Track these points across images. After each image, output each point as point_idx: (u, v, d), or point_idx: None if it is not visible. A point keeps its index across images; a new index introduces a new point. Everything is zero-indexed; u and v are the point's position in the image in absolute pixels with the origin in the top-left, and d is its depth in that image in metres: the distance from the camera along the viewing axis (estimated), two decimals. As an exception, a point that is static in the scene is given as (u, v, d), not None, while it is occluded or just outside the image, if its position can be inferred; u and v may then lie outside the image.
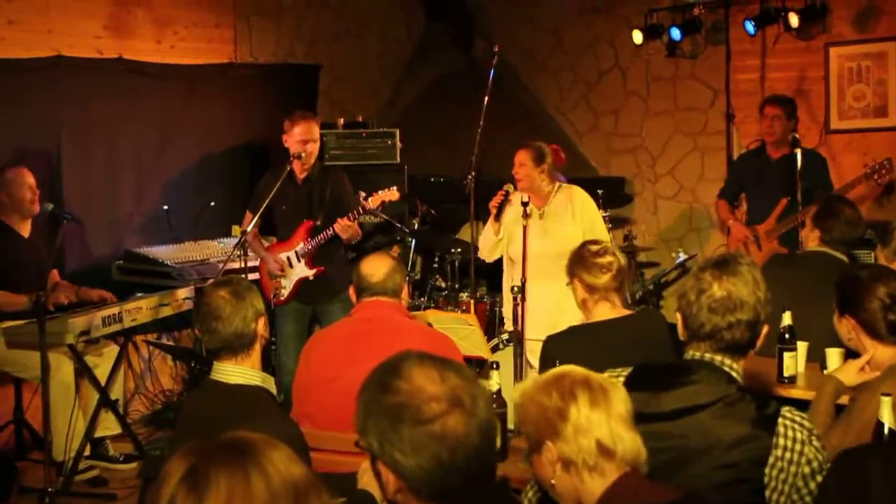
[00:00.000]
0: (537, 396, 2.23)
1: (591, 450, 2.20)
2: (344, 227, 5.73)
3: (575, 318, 5.06)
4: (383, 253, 4.20)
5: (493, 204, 5.66)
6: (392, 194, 5.68)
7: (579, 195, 5.69)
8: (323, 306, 5.99)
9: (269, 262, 6.06)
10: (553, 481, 2.26)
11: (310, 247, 5.91)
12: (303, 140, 5.85)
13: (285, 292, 6.00)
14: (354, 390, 3.56)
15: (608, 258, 3.91)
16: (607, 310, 3.94)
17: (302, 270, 5.98)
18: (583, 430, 2.20)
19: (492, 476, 1.98)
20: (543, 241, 5.56)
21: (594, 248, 3.96)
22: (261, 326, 3.20)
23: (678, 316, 2.78)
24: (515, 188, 5.62)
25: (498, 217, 5.64)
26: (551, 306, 5.43)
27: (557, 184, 5.75)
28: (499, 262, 5.88)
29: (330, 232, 5.80)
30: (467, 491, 1.89)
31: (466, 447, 1.86)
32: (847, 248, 4.80)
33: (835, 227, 4.74)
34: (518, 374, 5.32)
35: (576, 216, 5.56)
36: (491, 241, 5.74)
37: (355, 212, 5.72)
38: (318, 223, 5.84)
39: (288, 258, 6.00)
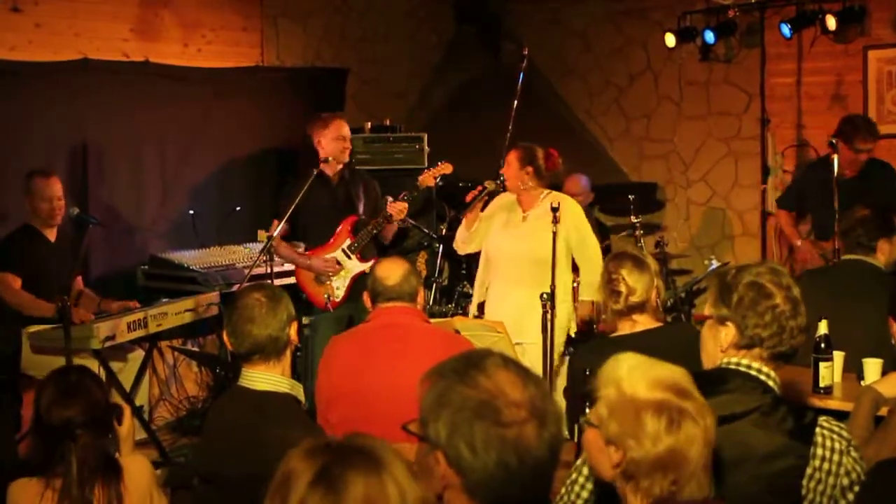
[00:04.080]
0: (645, 411, 2.10)
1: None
2: (399, 209, 5.78)
3: (536, 327, 5.11)
4: (398, 257, 4.13)
5: (469, 198, 5.66)
6: (446, 168, 5.94)
7: (569, 206, 5.56)
8: (361, 311, 5.90)
9: (318, 266, 5.95)
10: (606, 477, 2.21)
11: (359, 242, 5.85)
12: (345, 136, 5.88)
13: (340, 292, 5.92)
14: (376, 401, 3.57)
15: (619, 288, 3.85)
16: (628, 327, 3.89)
17: (356, 266, 5.90)
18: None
19: (547, 493, 1.96)
20: (521, 245, 5.58)
21: (611, 269, 3.90)
22: (293, 332, 3.17)
23: (730, 325, 2.68)
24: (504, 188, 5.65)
25: (466, 208, 5.67)
26: (514, 312, 5.45)
27: (547, 191, 5.68)
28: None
29: (381, 221, 5.79)
30: (524, 502, 1.87)
31: (535, 459, 1.84)
32: (864, 252, 4.59)
33: (851, 232, 4.60)
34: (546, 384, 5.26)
35: (561, 226, 5.36)
36: (463, 235, 5.79)
37: (406, 195, 5.83)
38: (363, 216, 5.79)
39: (336, 258, 5.94)
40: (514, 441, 1.81)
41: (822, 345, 3.89)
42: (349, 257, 5.90)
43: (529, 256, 5.55)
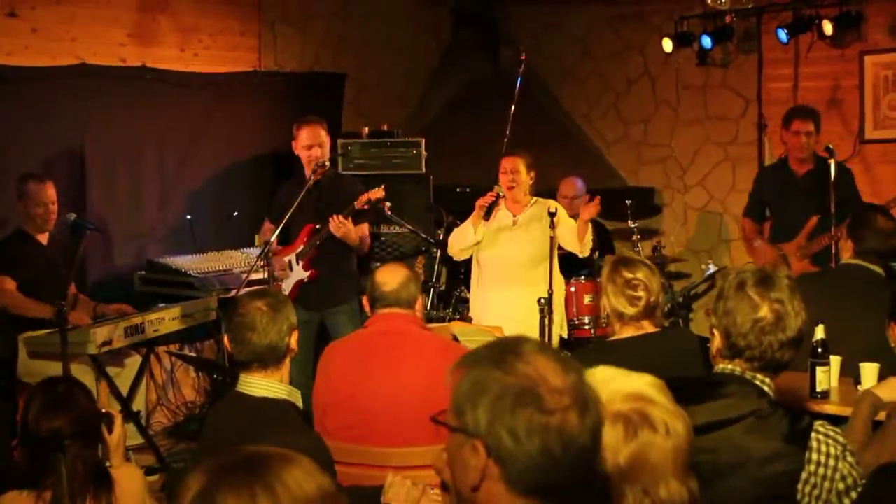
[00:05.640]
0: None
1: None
2: (337, 225, 5.64)
3: (533, 329, 5.16)
4: (399, 263, 4.12)
5: (483, 203, 5.68)
6: (377, 192, 5.64)
7: (562, 212, 5.70)
8: (328, 315, 5.90)
9: (273, 267, 6.00)
10: None
11: (308, 250, 5.84)
12: (307, 145, 5.82)
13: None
14: (373, 408, 3.57)
15: (640, 292, 3.73)
16: (632, 331, 3.80)
17: (298, 273, 5.91)
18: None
19: (593, 480, 1.93)
20: (514, 248, 5.68)
21: (628, 275, 3.76)
22: (293, 341, 3.17)
23: (716, 333, 2.70)
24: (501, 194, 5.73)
25: (487, 216, 5.71)
26: (511, 315, 5.54)
27: (534, 198, 5.86)
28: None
29: (324, 233, 5.72)
30: (567, 492, 1.82)
31: (579, 446, 1.79)
32: (883, 260, 4.64)
33: (867, 238, 4.60)
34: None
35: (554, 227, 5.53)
36: (469, 242, 5.83)
37: (344, 213, 5.65)
38: (318, 226, 5.78)
39: (289, 262, 5.94)
40: (558, 428, 1.77)
41: (819, 349, 3.90)
42: (297, 263, 5.91)
43: (523, 259, 5.66)
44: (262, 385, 3.12)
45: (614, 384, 2.10)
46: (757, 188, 6.83)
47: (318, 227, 5.80)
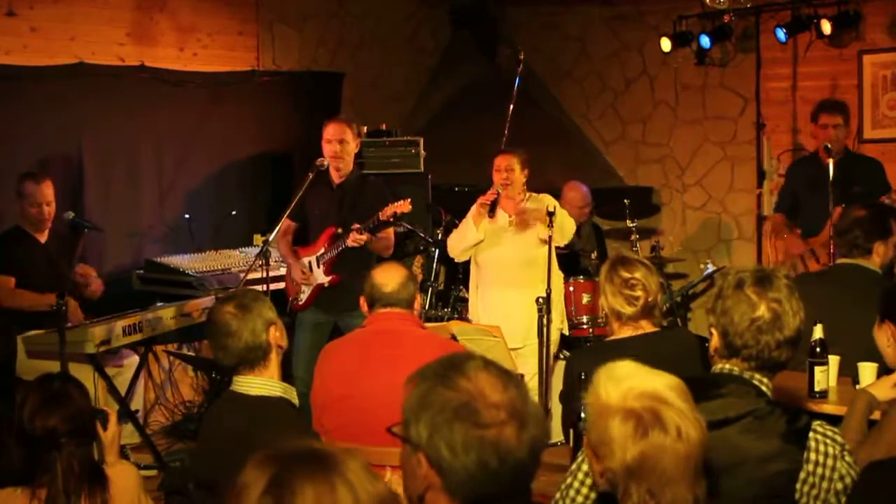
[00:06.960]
0: (613, 418, 2.09)
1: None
2: (354, 240, 5.57)
3: (532, 328, 5.16)
4: (396, 262, 4.12)
5: (485, 200, 5.67)
6: (404, 206, 5.53)
7: (552, 203, 5.71)
8: (344, 318, 5.86)
9: (293, 268, 5.93)
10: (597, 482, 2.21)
11: (329, 254, 5.80)
12: (328, 139, 5.77)
13: (303, 297, 5.87)
14: (370, 407, 3.57)
15: (637, 292, 3.72)
16: (630, 331, 3.79)
17: (319, 277, 5.86)
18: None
19: (527, 494, 1.98)
20: (512, 248, 5.67)
21: (626, 274, 3.74)
22: (273, 335, 3.16)
23: (714, 332, 2.70)
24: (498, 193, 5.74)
25: (492, 213, 5.71)
26: (511, 315, 5.56)
27: (528, 194, 5.83)
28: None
29: (342, 243, 5.66)
30: (504, 502, 1.88)
31: (515, 460, 1.85)
32: (860, 254, 4.58)
33: (836, 237, 4.61)
34: (543, 387, 5.26)
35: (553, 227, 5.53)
36: (470, 241, 5.82)
37: (367, 224, 5.58)
38: (340, 230, 5.73)
39: (309, 263, 5.91)
40: (493, 442, 1.83)
41: (818, 349, 3.89)
42: (318, 266, 5.87)
43: (520, 258, 5.66)
44: (256, 383, 3.13)
45: (631, 380, 2.10)
46: (788, 181, 6.78)
47: (339, 231, 5.76)
